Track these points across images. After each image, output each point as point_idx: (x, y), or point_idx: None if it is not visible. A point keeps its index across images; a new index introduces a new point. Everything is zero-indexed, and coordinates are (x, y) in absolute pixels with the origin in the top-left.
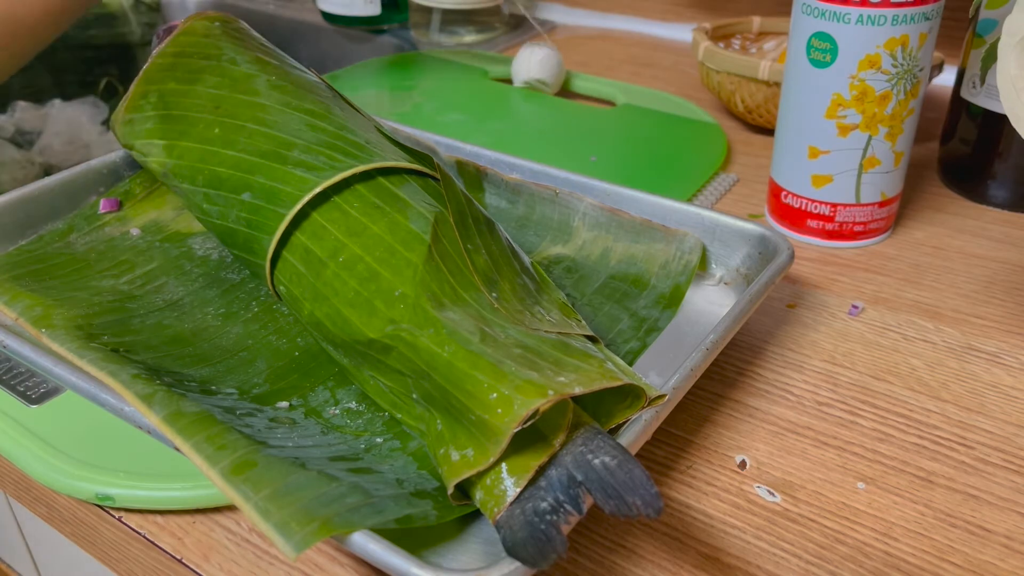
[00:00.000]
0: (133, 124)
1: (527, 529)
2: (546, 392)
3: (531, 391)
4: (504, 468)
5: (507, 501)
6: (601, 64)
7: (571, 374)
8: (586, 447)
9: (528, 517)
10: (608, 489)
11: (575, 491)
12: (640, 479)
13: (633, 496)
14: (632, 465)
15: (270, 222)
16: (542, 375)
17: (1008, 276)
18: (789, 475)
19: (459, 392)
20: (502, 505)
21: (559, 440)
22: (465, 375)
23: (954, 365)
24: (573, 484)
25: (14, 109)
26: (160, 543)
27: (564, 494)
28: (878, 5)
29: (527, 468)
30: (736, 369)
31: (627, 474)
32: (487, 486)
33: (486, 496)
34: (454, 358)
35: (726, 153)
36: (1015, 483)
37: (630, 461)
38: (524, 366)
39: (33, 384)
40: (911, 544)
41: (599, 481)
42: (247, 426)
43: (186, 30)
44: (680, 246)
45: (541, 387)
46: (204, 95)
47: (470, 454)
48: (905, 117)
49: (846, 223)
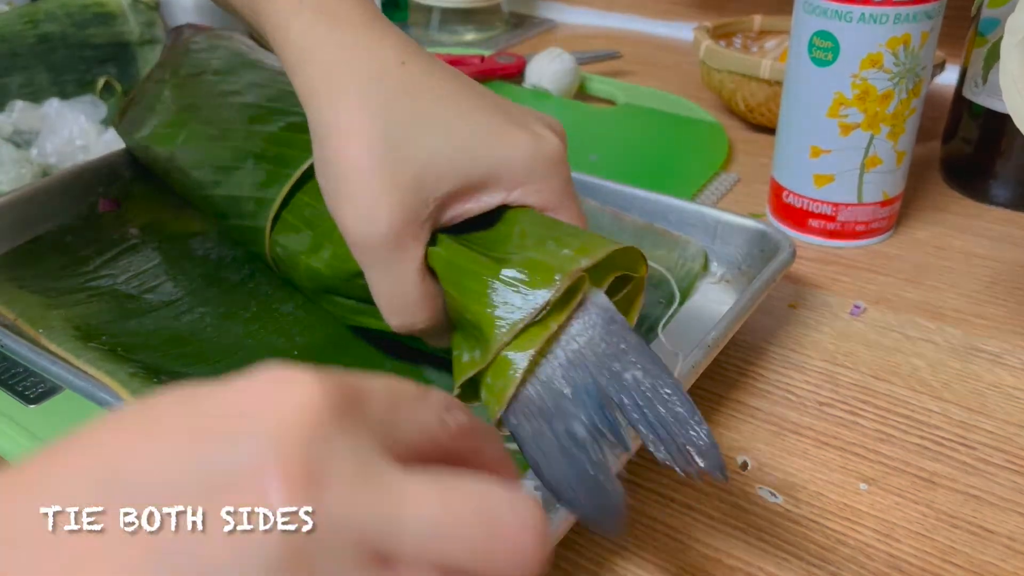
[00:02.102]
0: (137, 117)
1: (569, 466)
2: (553, 278)
3: (539, 276)
4: (507, 359)
5: (508, 392)
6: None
7: (575, 241)
8: (607, 345)
9: (563, 443)
10: (653, 424)
11: (612, 416)
12: (687, 414)
13: (686, 441)
14: (672, 388)
15: (276, 184)
16: (543, 252)
17: (1010, 276)
18: (791, 476)
19: (460, 292)
20: (503, 398)
21: (558, 323)
22: (466, 271)
23: (956, 365)
24: (607, 403)
25: (12, 109)
26: None
27: (598, 414)
28: (880, 4)
29: (529, 345)
30: (737, 369)
31: (668, 406)
32: (489, 384)
33: (489, 395)
34: (455, 257)
35: (727, 152)
36: (1017, 484)
37: (666, 381)
38: (527, 248)
39: (31, 384)
40: (913, 545)
41: (636, 407)
42: None
43: (190, 38)
44: (682, 253)
45: (548, 269)
46: (211, 84)
47: (477, 355)
48: (907, 116)
49: (848, 222)
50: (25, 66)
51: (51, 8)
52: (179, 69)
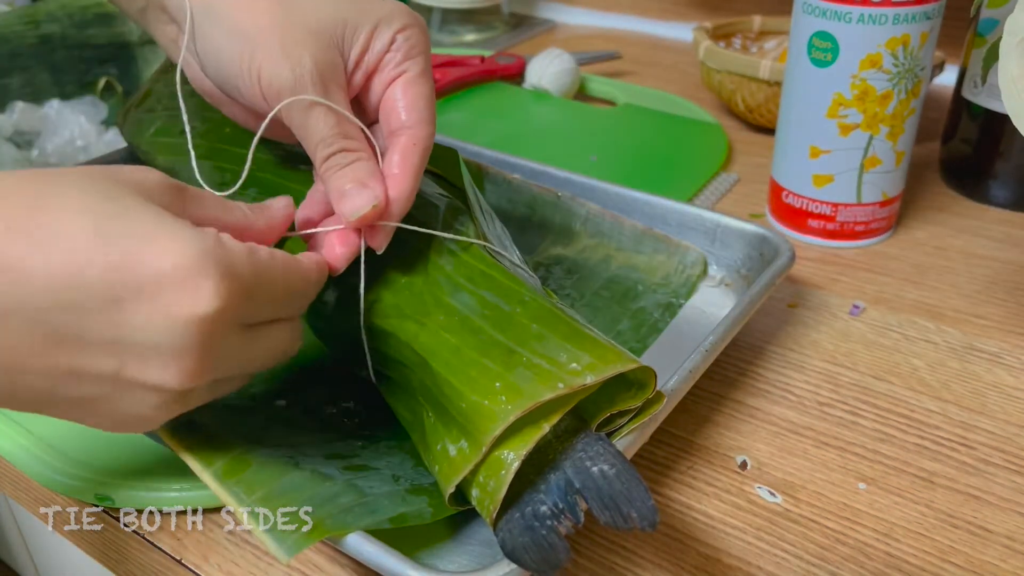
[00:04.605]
0: (141, 123)
1: (528, 534)
2: (556, 385)
3: (534, 387)
4: (500, 458)
5: (501, 493)
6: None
7: (585, 356)
8: (585, 453)
9: (528, 521)
10: (605, 499)
11: (572, 498)
12: (638, 491)
13: (629, 508)
14: (630, 476)
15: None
16: (553, 363)
17: (1010, 276)
18: (790, 476)
19: (458, 379)
20: (496, 499)
21: (550, 423)
22: (468, 360)
23: (955, 365)
24: (571, 490)
25: (12, 109)
26: (159, 544)
27: (562, 500)
28: (879, 4)
29: (516, 455)
30: (737, 369)
31: (624, 485)
32: (481, 483)
33: (482, 494)
34: (461, 342)
35: (727, 153)
36: (1016, 483)
37: (629, 471)
38: (536, 352)
39: None
40: (912, 545)
41: (596, 490)
42: (243, 424)
43: None
44: (682, 259)
45: (550, 377)
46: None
47: (464, 446)
48: (906, 117)
49: (847, 223)
50: (25, 66)
51: (51, 9)
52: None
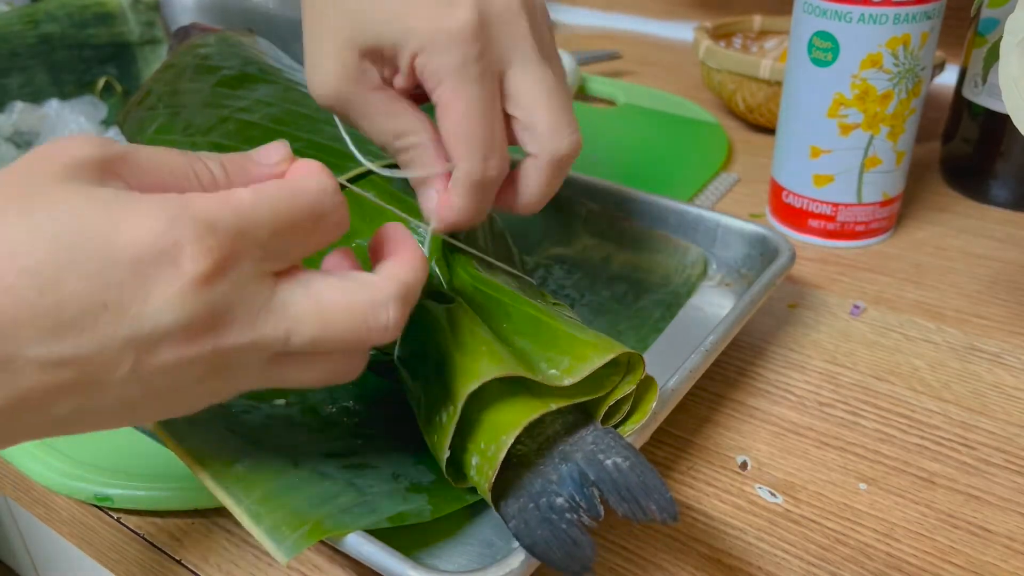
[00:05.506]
0: (142, 122)
1: (546, 527)
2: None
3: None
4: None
5: (501, 455)
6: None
7: (566, 359)
8: (596, 446)
9: (544, 513)
10: (622, 491)
11: (589, 491)
12: (654, 483)
13: (648, 500)
14: (645, 468)
15: None
16: (538, 372)
17: (1010, 276)
18: (790, 476)
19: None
20: (495, 462)
21: (557, 404)
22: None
23: (956, 365)
24: (586, 483)
25: (12, 109)
26: (159, 544)
27: (578, 492)
28: (880, 4)
29: (516, 424)
30: (737, 369)
31: (640, 477)
32: (481, 450)
33: (481, 460)
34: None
35: (727, 152)
36: (1017, 484)
37: (643, 464)
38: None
39: None
40: (913, 545)
41: (612, 482)
42: (242, 423)
43: (199, 40)
44: (682, 259)
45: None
46: (217, 95)
47: (451, 410)
48: (907, 116)
49: (848, 223)
50: (25, 66)
51: (51, 8)
52: (184, 72)
